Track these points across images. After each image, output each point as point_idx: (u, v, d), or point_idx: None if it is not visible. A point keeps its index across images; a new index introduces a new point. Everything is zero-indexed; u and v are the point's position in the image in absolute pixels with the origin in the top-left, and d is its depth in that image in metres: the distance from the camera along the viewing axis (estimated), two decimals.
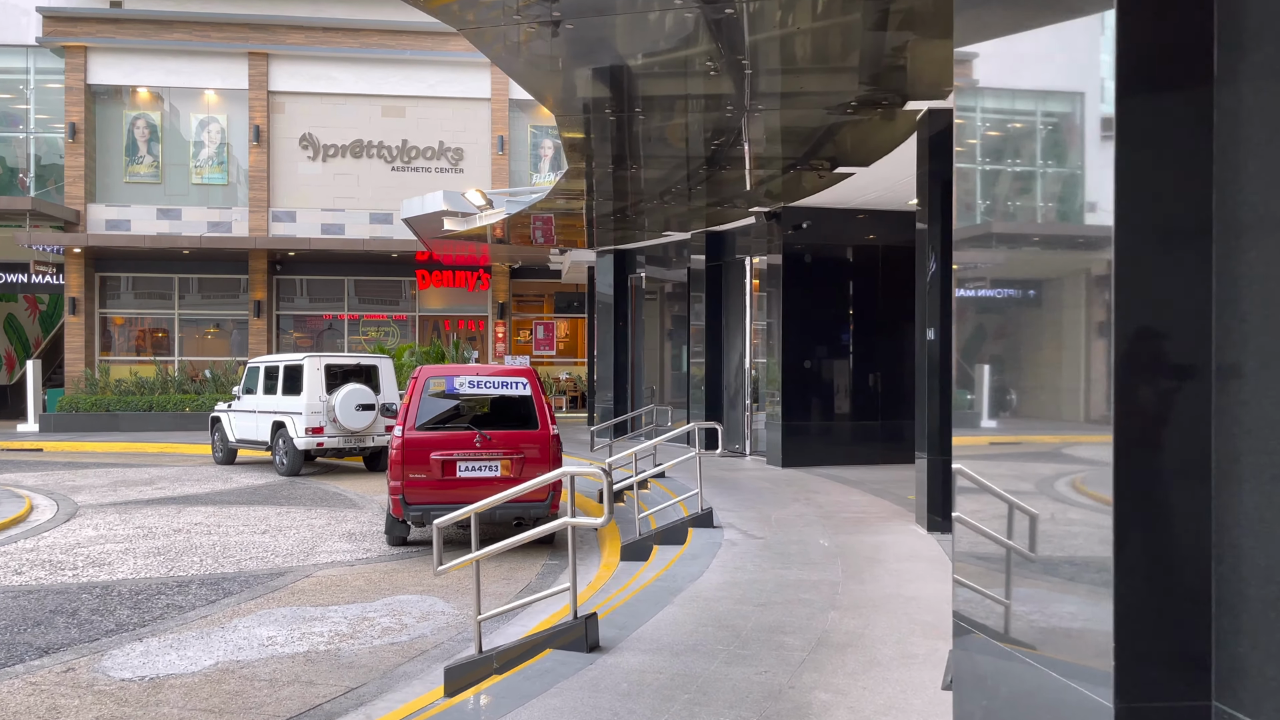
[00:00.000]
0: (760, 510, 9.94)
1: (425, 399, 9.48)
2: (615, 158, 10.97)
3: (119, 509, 12.37)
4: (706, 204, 14.14)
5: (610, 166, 11.36)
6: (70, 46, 25.18)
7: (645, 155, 11.07)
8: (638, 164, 11.31)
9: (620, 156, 10.96)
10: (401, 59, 26.08)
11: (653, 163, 11.52)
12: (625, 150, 10.65)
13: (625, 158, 10.95)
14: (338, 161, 26.20)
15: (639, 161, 11.14)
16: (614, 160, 11.07)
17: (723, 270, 16.22)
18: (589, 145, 10.22)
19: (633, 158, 11.00)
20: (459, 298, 27.12)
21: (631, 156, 10.96)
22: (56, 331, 29.06)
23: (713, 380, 16.16)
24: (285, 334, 27.01)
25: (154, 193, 25.92)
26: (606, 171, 11.90)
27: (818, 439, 13.92)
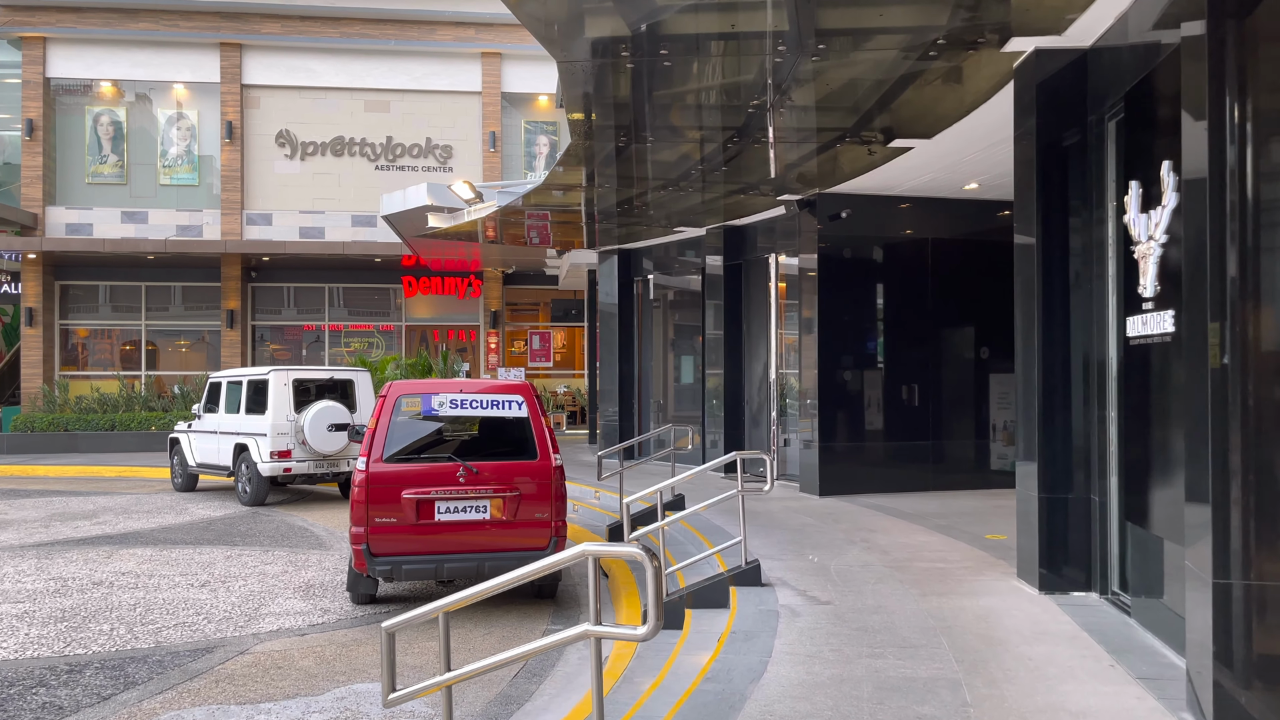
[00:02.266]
0: (812, 558, 8.05)
1: (396, 423, 7.59)
2: (623, 128, 9.11)
3: (41, 552, 10.45)
4: (725, 193, 12.30)
5: (617, 140, 9.51)
6: (28, 38, 23.32)
7: (660, 125, 9.22)
8: (649, 137, 9.45)
9: (629, 126, 9.11)
10: (385, 49, 24.27)
11: (668, 137, 9.67)
12: (637, 117, 8.80)
13: (635, 128, 9.09)
14: (317, 160, 24.34)
15: (652, 132, 9.29)
16: (621, 131, 9.22)
17: (743, 270, 14.37)
18: (592, 105, 8.37)
19: (646, 129, 9.14)
20: (449, 306, 25.23)
21: (644, 127, 9.11)
22: (20, 346, 27.12)
23: (732, 394, 14.29)
24: (262, 346, 25.10)
25: (118, 194, 24.02)
26: (611, 150, 10.04)
27: (859, 462, 12.05)
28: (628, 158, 10.29)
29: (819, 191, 11.79)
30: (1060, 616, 5.96)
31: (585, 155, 10.14)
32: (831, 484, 11.81)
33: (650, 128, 9.10)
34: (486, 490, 7.47)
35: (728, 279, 14.32)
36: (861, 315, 12.33)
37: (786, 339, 13.52)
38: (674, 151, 10.19)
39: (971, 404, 12.64)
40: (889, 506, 10.88)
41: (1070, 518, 6.53)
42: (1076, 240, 6.64)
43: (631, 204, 13.15)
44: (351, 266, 24.43)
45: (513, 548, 7.51)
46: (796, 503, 11.25)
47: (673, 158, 10.51)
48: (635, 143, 9.53)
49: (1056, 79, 6.64)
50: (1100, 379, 6.42)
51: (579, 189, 12.27)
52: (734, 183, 11.65)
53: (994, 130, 8.88)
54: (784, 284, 13.58)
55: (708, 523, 9.78)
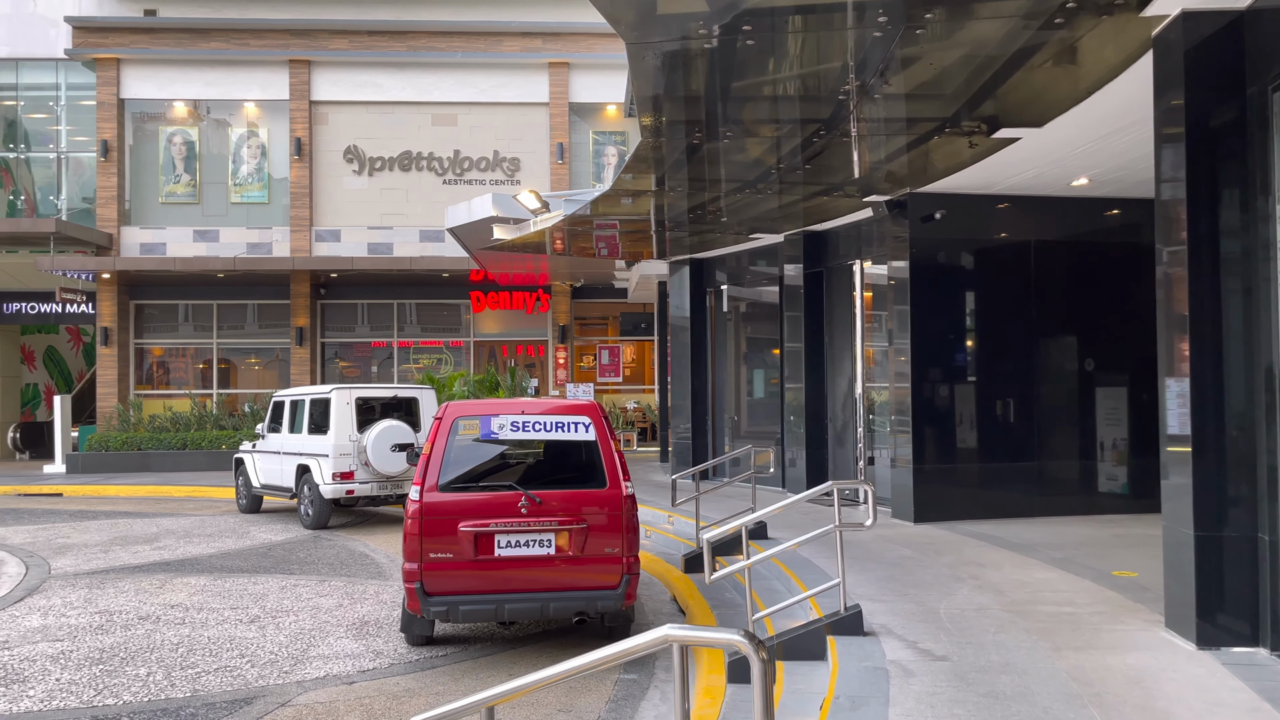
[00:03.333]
0: (918, 598, 7.15)
1: (453, 447, 6.91)
2: (696, 124, 8.35)
3: (94, 580, 10.03)
4: (806, 195, 11.45)
5: (689, 138, 8.74)
6: (102, 59, 23.50)
7: (737, 120, 8.44)
8: (725, 134, 8.67)
9: (703, 122, 8.34)
10: (452, 62, 23.92)
11: (745, 134, 8.89)
12: (712, 112, 8.03)
13: (710, 124, 8.32)
14: (385, 175, 24.07)
15: (727, 128, 8.51)
16: (694, 128, 8.46)
17: (825, 278, 13.48)
18: (663, 98, 7.63)
19: (722, 124, 8.36)
20: (517, 321, 24.72)
21: (720, 122, 8.33)
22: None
23: (814, 411, 13.39)
24: (332, 363, 24.88)
25: (191, 213, 24.03)
26: (683, 150, 9.29)
27: (956, 485, 11.06)
28: (701, 159, 9.53)
29: (910, 191, 10.88)
30: (1230, 681, 4.99)
31: (655, 157, 9.41)
32: (927, 509, 10.85)
33: (726, 123, 8.32)
34: (551, 522, 6.74)
35: (808, 288, 13.45)
36: (955, 325, 11.36)
37: (872, 351, 12.59)
38: (751, 150, 9.40)
39: (1076, 420, 11.57)
40: (993, 535, 9.88)
41: (1233, 559, 5.55)
42: (1233, 236, 5.68)
43: (704, 210, 12.38)
44: (419, 282, 24.08)
45: (580, 586, 6.77)
46: (890, 530, 10.31)
47: (750, 157, 9.72)
48: (709, 140, 8.76)
49: (1207, 46, 5.69)
50: (1269, 396, 5.44)
51: (649, 194, 11.54)
52: (816, 184, 10.80)
53: (1115, 115, 7.92)
54: (869, 293, 12.66)
55: (795, 555, 8.92)
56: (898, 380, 11.27)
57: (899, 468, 11.18)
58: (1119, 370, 11.68)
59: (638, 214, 13.04)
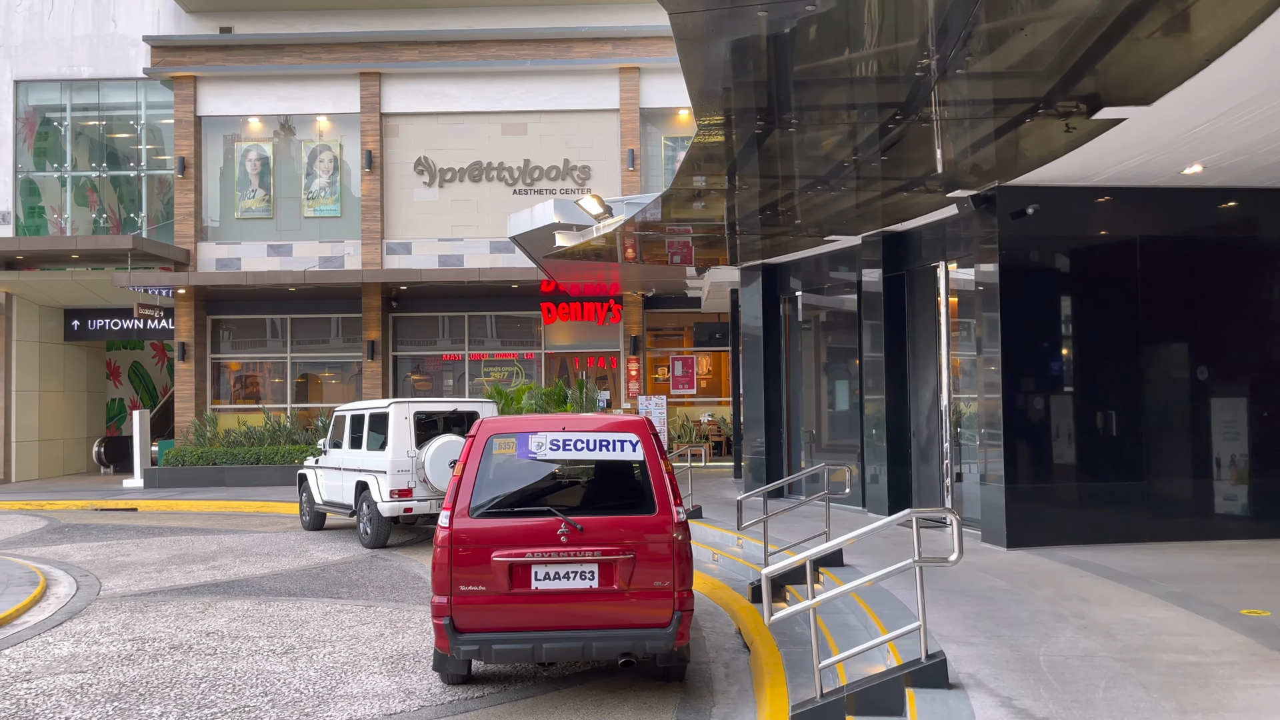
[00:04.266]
0: (1012, 641, 6.27)
1: (487, 469, 6.29)
2: (759, 111, 7.62)
3: (139, 603, 9.71)
4: (884, 191, 10.60)
5: (750, 127, 8.01)
6: (179, 77, 23.76)
7: (803, 106, 7.69)
8: (791, 121, 7.91)
9: (766, 110, 7.61)
10: (522, 70, 23.57)
11: (813, 118, 8.13)
12: (774, 96, 7.29)
13: (773, 110, 7.58)
14: (455, 186, 23.82)
15: (795, 115, 7.75)
16: (757, 115, 7.73)
17: (906, 283, 12.58)
18: (717, 80, 6.93)
19: (784, 108, 7.62)
20: (588, 332, 24.19)
21: (784, 109, 7.59)
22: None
23: (895, 424, 12.47)
24: (404, 377, 24.69)
25: (265, 228, 24.12)
26: (746, 142, 8.58)
27: (1057, 506, 10.06)
28: (764, 153, 8.78)
29: (998, 185, 9.95)
30: None
31: (713, 153, 8.72)
32: (1021, 532, 9.87)
33: (789, 109, 7.57)
34: (593, 552, 6.06)
35: (888, 293, 12.55)
36: (1051, 330, 10.36)
37: (959, 360, 11.65)
38: (820, 141, 8.62)
39: (1188, 434, 10.45)
40: (1097, 563, 8.87)
41: None
42: None
43: (775, 210, 11.61)
44: (490, 294, 23.74)
45: (626, 623, 6.07)
46: (979, 557, 9.37)
47: (819, 150, 8.94)
48: (772, 131, 8.02)
49: None
50: None
51: (712, 195, 10.83)
52: (894, 178, 9.96)
53: (1236, 89, 6.96)
54: (955, 297, 11.72)
55: (874, 585, 8.07)
56: (987, 391, 10.32)
57: (989, 486, 10.22)
58: (1236, 379, 10.53)
59: (703, 218, 12.34)
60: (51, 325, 25.76)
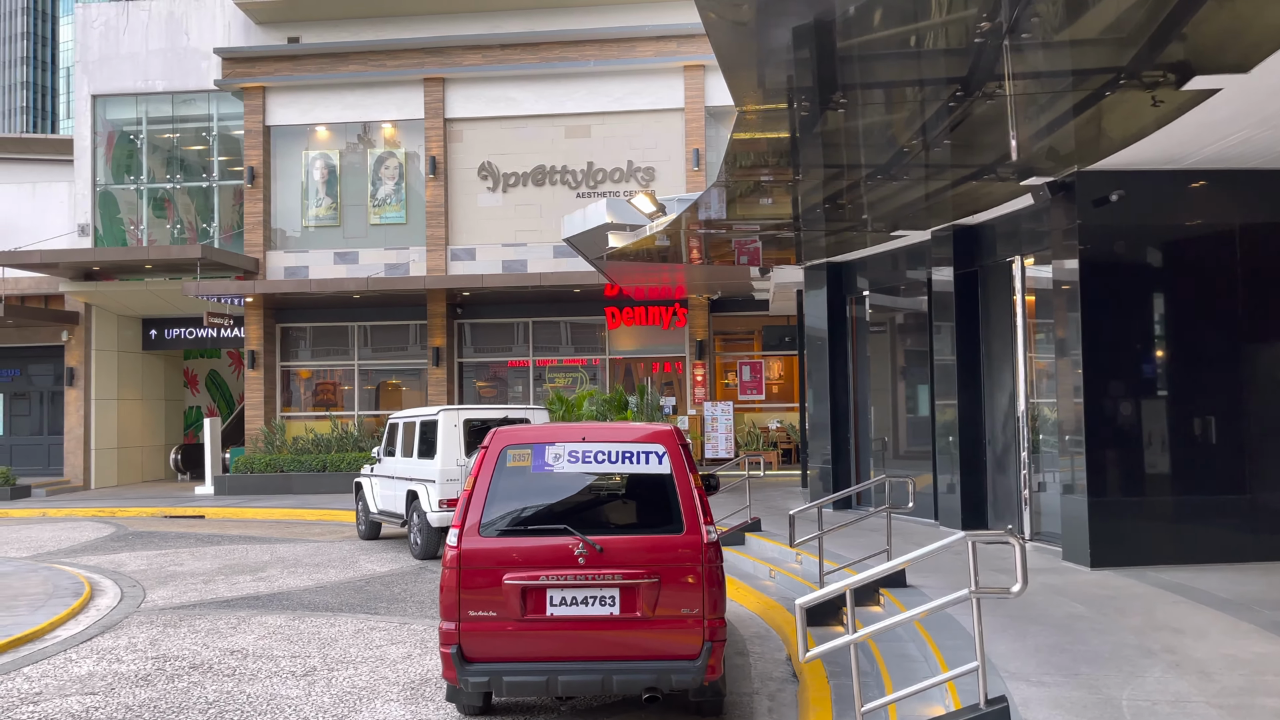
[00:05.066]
0: (1091, 681, 5.51)
1: (499, 483, 5.78)
2: (803, 90, 6.99)
3: (175, 617, 9.47)
4: (953, 180, 9.82)
5: (797, 107, 7.38)
6: (249, 88, 23.98)
7: (854, 83, 7.03)
8: (839, 101, 7.25)
9: (813, 88, 6.96)
10: (585, 71, 23.18)
11: (871, 100, 7.46)
12: (821, 70, 6.65)
13: (821, 87, 6.93)
14: (518, 191, 23.52)
15: (839, 91, 7.09)
16: (802, 95, 7.09)
17: (979, 280, 11.74)
18: (754, 43, 6.33)
19: (830, 86, 6.96)
20: (653, 337, 23.64)
21: (833, 86, 6.94)
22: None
23: (968, 432, 11.64)
24: (469, 383, 24.48)
25: (332, 236, 24.17)
26: (793, 127, 7.94)
27: (1147, 521, 9.15)
28: (818, 137, 8.13)
29: (1077, 170, 9.11)
30: None
31: (753, 139, 8.09)
32: (1106, 550, 8.99)
33: (839, 87, 6.91)
34: (614, 575, 5.50)
35: (959, 292, 11.73)
36: (1139, 329, 9.46)
37: (1038, 363, 10.78)
38: (877, 124, 7.94)
39: None
40: (1192, 586, 7.98)
41: None
42: None
43: (837, 204, 10.90)
44: (553, 299, 23.37)
45: (650, 654, 5.49)
46: (1059, 577, 8.54)
47: (877, 134, 8.26)
48: (826, 109, 7.36)
49: None
50: None
51: (769, 187, 10.19)
52: (963, 165, 9.19)
53: None
54: (1032, 295, 10.86)
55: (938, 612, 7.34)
56: (1069, 395, 9.46)
57: (1070, 499, 9.36)
58: None
59: (763, 216, 11.71)
60: (130, 335, 26.24)
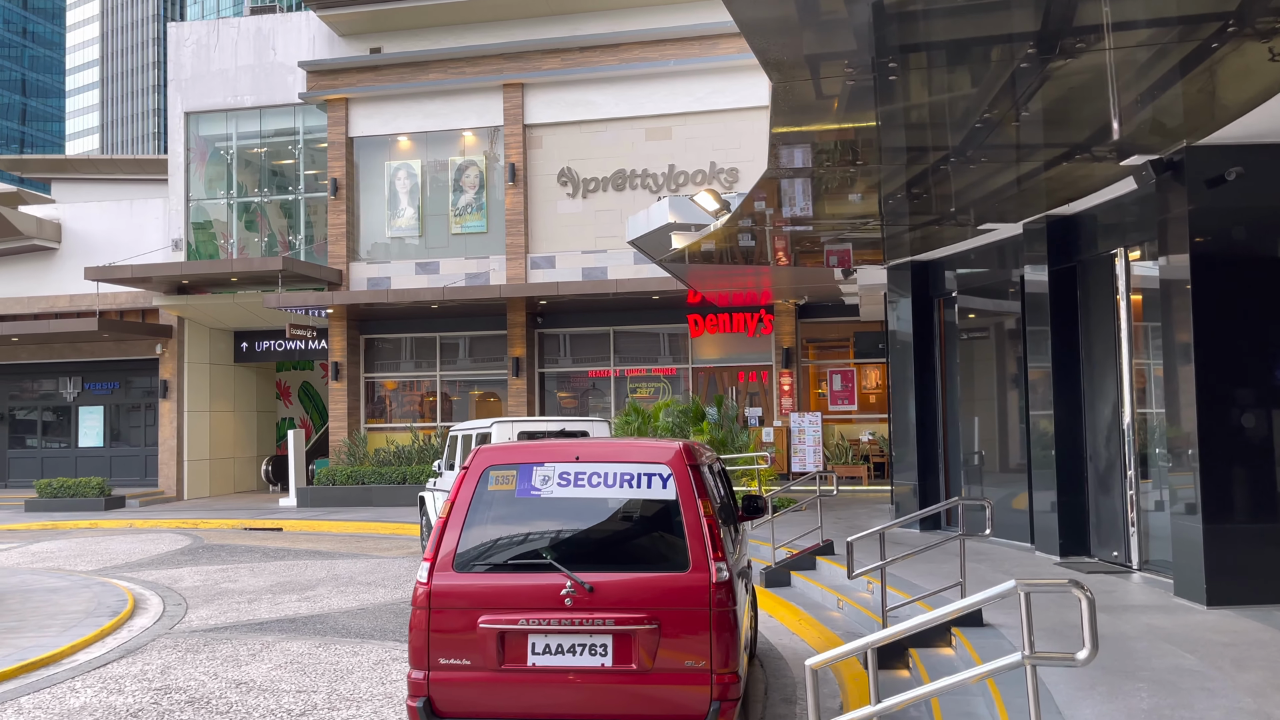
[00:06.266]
0: None
1: (479, 508, 5.03)
2: (846, 56, 6.07)
3: (202, 640, 9.05)
4: (1045, 162, 8.70)
5: (859, 70, 6.46)
6: (332, 100, 24.07)
7: (928, 41, 6.08)
8: (886, 64, 6.30)
9: (851, 53, 6.04)
10: (666, 71, 22.47)
11: (941, 60, 6.49)
12: (864, 26, 5.74)
13: (870, 48, 6.01)
14: (598, 196, 22.93)
15: (893, 55, 6.14)
16: (850, 60, 6.17)
17: (1077, 277, 10.51)
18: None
19: (890, 49, 6.03)
20: (738, 345, 22.70)
21: (884, 47, 6.00)
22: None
23: (1066, 446, 10.40)
24: (550, 394, 23.97)
25: (414, 246, 24.04)
26: (837, 101, 7.02)
27: (1274, 551, 7.84)
28: (870, 112, 7.18)
29: (1186, 145, 7.90)
30: None
31: (795, 112, 7.19)
32: (1224, 586, 7.72)
33: (890, 48, 5.96)
34: (606, 620, 4.68)
35: (1055, 290, 10.52)
36: (1264, 329, 8.15)
37: (1145, 368, 9.52)
38: (942, 92, 6.94)
39: None
40: None
41: None
42: None
43: (911, 193, 9.85)
44: (634, 308, 22.67)
45: (648, 714, 4.66)
46: (1167, 618, 7.34)
47: (945, 108, 7.25)
48: (874, 73, 6.41)
49: None
50: None
51: (824, 176, 9.24)
52: (1050, 143, 8.09)
53: None
54: (1138, 293, 9.61)
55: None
56: (1180, 405, 8.22)
57: (1183, 523, 8.11)
58: None
59: (828, 214, 10.75)
60: (222, 347, 26.65)
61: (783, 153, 8.29)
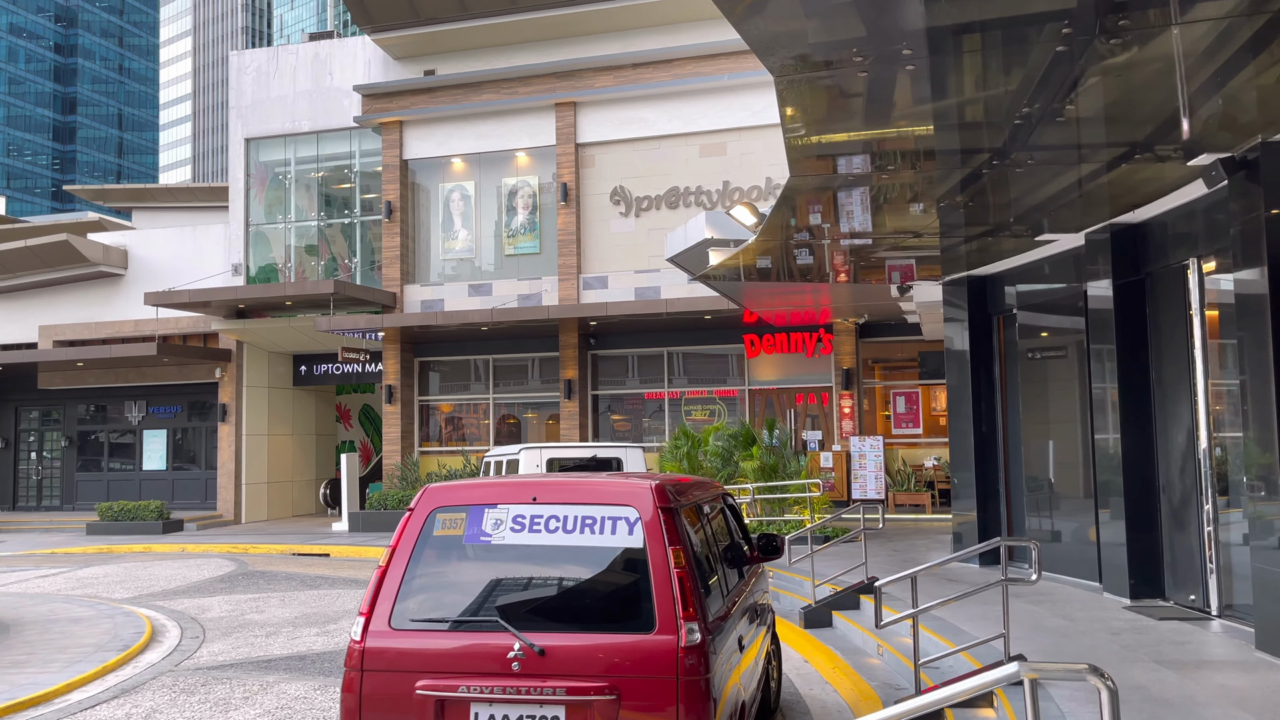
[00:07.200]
0: None
1: (422, 558, 4.45)
2: (863, 42, 5.40)
3: (204, 678, 8.66)
4: (1106, 163, 7.86)
5: (855, 64, 5.78)
6: (386, 123, 24.03)
7: (952, 23, 5.39)
8: (903, 53, 5.62)
9: (877, 36, 5.37)
10: (720, 86, 21.90)
11: (970, 45, 5.78)
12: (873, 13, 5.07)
13: (881, 38, 5.33)
14: (651, 215, 22.40)
15: (906, 42, 5.45)
16: (861, 49, 5.50)
17: (1146, 290, 9.58)
18: None
19: (902, 36, 5.35)
20: (796, 366, 21.86)
21: (895, 35, 5.32)
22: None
23: (1135, 476, 9.45)
24: (604, 417, 23.44)
25: (468, 268, 23.83)
26: (878, 76, 6.34)
27: None
28: (889, 107, 6.48)
29: (1261, 141, 7.01)
30: None
31: (817, 108, 6.53)
32: None
33: (903, 35, 5.28)
34: (558, 689, 4.05)
35: (1120, 306, 9.60)
36: None
37: (1222, 391, 8.55)
38: (971, 85, 6.21)
39: None
40: None
41: None
42: None
43: (955, 202, 9.07)
44: (688, 328, 22.02)
45: None
46: (1245, 677, 6.41)
47: (978, 105, 6.52)
48: (899, 64, 5.73)
49: None
50: None
51: (853, 181, 8.53)
52: (1110, 141, 7.26)
53: None
54: (1214, 308, 8.66)
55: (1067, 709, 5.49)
56: (1262, 431, 7.28)
57: (1266, 564, 7.16)
58: None
59: (879, 228, 10.01)
60: (281, 371, 26.75)
61: (798, 166, 7.60)
